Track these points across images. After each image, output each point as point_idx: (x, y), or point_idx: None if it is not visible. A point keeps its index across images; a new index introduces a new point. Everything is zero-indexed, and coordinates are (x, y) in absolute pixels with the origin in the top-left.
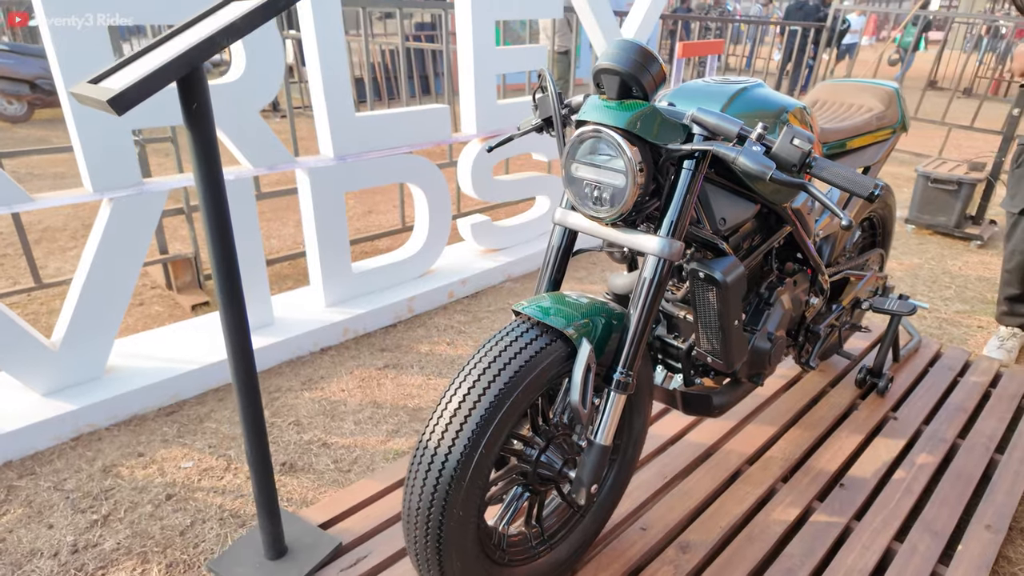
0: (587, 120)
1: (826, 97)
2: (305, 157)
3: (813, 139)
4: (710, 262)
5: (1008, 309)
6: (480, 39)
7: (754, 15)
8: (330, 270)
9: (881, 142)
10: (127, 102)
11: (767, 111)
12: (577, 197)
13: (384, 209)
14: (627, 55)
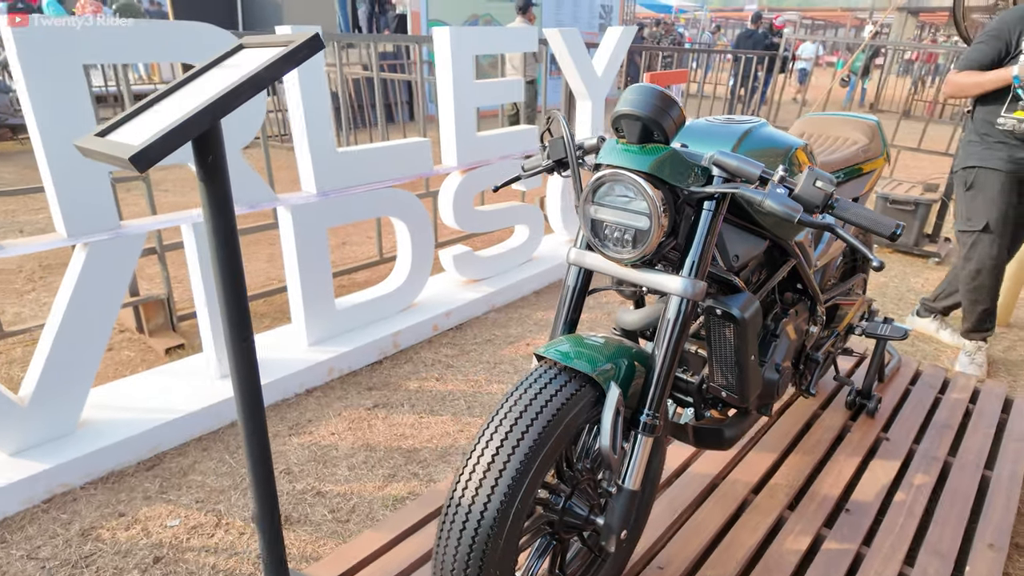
0: (608, 164)
1: (812, 130)
2: (287, 194)
3: (835, 181)
4: (726, 299)
5: (973, 326)
6: (459, 74)
7: (704, 42)
8: (313, 308)
9: (868, 173)
10: (149, 159)
11: (776, 149)
12: (598, 239)
13: (358, 240)
14: (648, 100)
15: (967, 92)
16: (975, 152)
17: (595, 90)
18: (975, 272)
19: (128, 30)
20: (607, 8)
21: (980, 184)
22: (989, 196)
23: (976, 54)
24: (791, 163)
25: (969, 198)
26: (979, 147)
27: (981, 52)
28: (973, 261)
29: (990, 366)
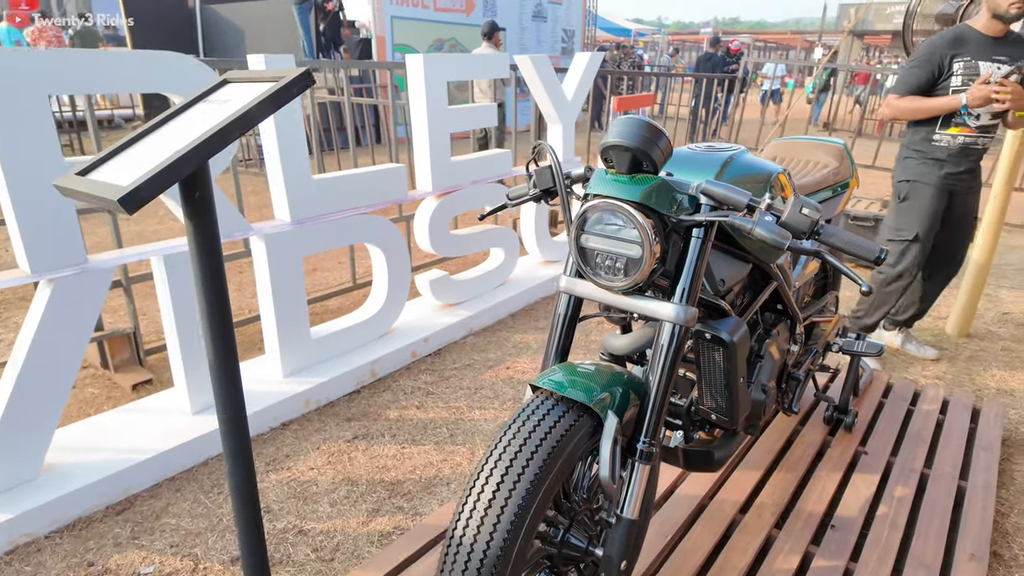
0: (599, 194)
1: (783, 154)
2: (261, 223)
3: (819, 208)
4: (715, 323)
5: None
6: (433, 100)
7: (663, 64)
8: (288, 338)
9: (839, 195)
10: (139, 201)
11: (757, 175)
12: (589, 267)
13: (329, 266)
14: (636, 131)
15: (914, 116)
16: (911, 167)
17: (565, 114)
18: (897, 276)
19: (97, 60)
20: (569, 32)
21: (914, 197)
22: (920, 209)
23: (912, 78)
24: (773, 188)
25: (902, 210)
26: (915, 162)
27: (916, 76)
28: (899, 268)
29: (953, 372)
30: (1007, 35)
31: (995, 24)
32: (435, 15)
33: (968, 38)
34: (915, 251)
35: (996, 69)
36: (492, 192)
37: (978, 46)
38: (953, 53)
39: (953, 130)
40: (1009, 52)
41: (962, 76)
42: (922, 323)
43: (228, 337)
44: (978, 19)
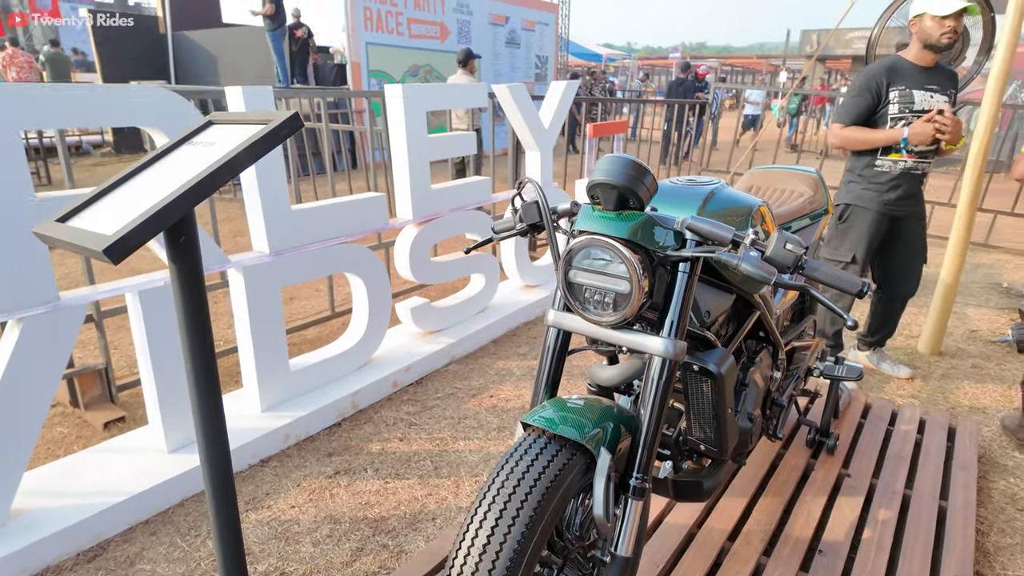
0: (586, 230)
1: (759, 183)
2: (239, 255)
3: (802, 243)
4: (702, 355)
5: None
6: (413, 130)
7: (633, 89)
8: (267, 372)
9: (815, 223)
10: (125, 251)
11: (739, 208)
12: (578, 302)
13: (306, 295)
14: (622, 170)
15: (859, 147)
16: (854, 191)
17: (543, 141)
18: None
19: (71, 94)
20: (542, 58)
21: (852, 220)
22: (860, 232)
23: (854, 107)
24: (754, 221)
25: (841, 231)
26: (858, 187)
27: (857, 105)
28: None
29: (927, 391)
30: (936, 65)
31: (926, 54)
32: (410, 42)
33: (901, 68)
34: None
35: (929, 97)
36: (473, 219)
37: (911, 76)
38: (889, 82)
39: (894, 156)
40: (938, 81)
41: (899, 104)
42: (895, 342)
43: (212, 380)
44: (909, 50)
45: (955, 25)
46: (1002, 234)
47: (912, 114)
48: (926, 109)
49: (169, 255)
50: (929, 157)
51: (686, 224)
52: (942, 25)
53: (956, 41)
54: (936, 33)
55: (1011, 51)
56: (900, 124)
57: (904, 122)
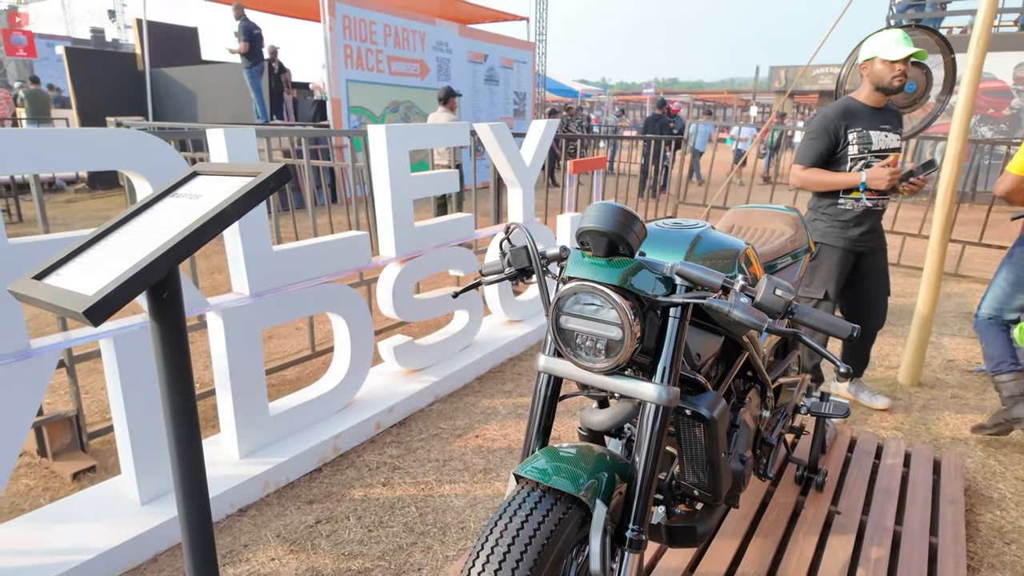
0: (577, 277)
1: (740, 223)
2: (218, 297)
3: (792, 289)
4: (694, 399)
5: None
6: (395, 169)
7: (610, 124)
8: (245, 417)
9: (797, 262)
10: (106, 312)
11: (725, 252)
12: (569, 348)
13: (285, 333)
14: (612, 217)
15: (818, 188)
16: (819, 228)
17: (524, 178)
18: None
19: (47, 139)
20: (520, 95)
21: (820, 257)
22: (828, 269)
23: (813, 150)
24: (741, 264)
25: (811, 268)
26: (823, 225)
27: (816, 148)
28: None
29: (909, 423)
30: (886, 105)
31: (877, 96)
32: (391, 79)
33: (855, 110)
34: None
35: (884, 137)
36: (456, 256)
37: (866, 117)
38: (846, 124)
39: (856, 194)
40: (889, 121)
41: (857, 145)
42: (876, 373)
43: (194, 437)
44: (860, 92)
45: (905, 69)
46: (971, 263)
47: (871, 154)
48: (883, 148)
49: (151, 311)
50: (888, 195)
51: (676, 270)
52: (892, 69)
53: (904, 85)
54: (887, 77)
55: (973, 90)
56: (860, 164)
57: (864, 162)
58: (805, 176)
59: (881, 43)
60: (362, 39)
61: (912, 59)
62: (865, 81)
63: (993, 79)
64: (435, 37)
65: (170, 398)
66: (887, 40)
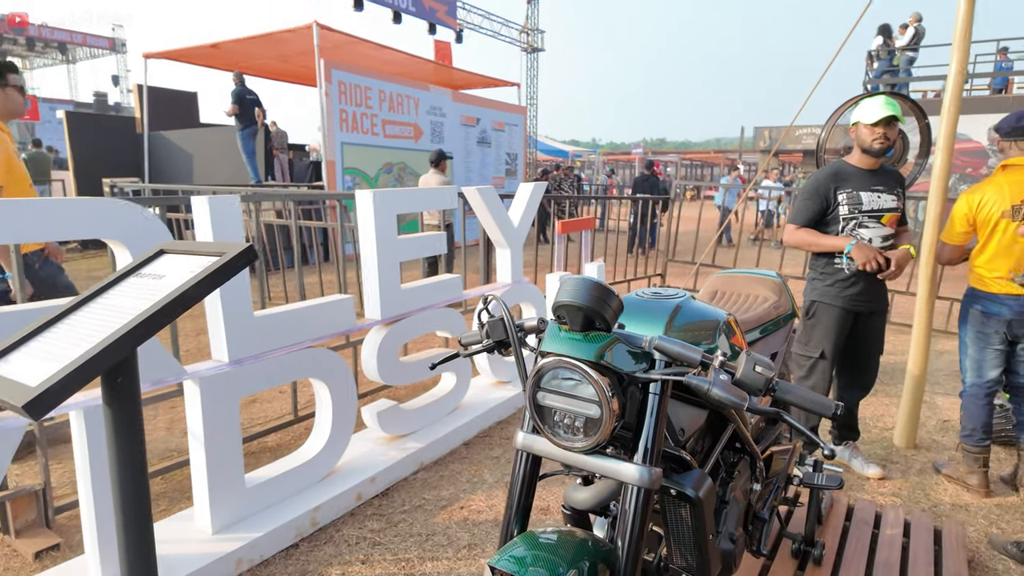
0: (553, 352)
1: (723, 288)
2: (196, 364)
3: (773, 365)
4: (679, 477)
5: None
6: (382, 232)
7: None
8: (220, 490)
9: (782, 328)
10: (48, 406)
11: (705, 323)
12: (547, 426)
13: (268, 396)
14: (587, 292)
15: (807, 249)
16: (817, 287)
17: (512, 239)
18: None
19: (36, 209)
20: (512, 156)
21: (819, 316)
22: (826, 327)
23: (806, 210)
24: (721, 335)
25: (809, 327)
26: (821, 283)
27: (808, 209)
28: (810, 381)
29: (907, 488)
30: (881, 167)
31: (866, 158)
32: (385, 141)
33: (846, 172)
34: (822, 367)
35: (876, 197)
36: (443, 317)
37: (856, 178)
38: (836, 186)
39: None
40: (883, 182)
41: (848, 205)
42: (870, 435)
43: (144, 521)
44: (852, 155)
45: (885, 131)
46: None
47: (862, 214)
48: (876, 208)
49: (105, 396)
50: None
51: (654, 344)
52: (873, 132)
53: (890, 146)
54: (868, 139)
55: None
56: (852, 224)
57: (856, 221)
58: (797, 236)
59: (863, 108)
60: (357, 104)
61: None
62: (855, 144)
63: (969, 140)
64: (429, 102)
65: (120, 484)
66: (869, 105)
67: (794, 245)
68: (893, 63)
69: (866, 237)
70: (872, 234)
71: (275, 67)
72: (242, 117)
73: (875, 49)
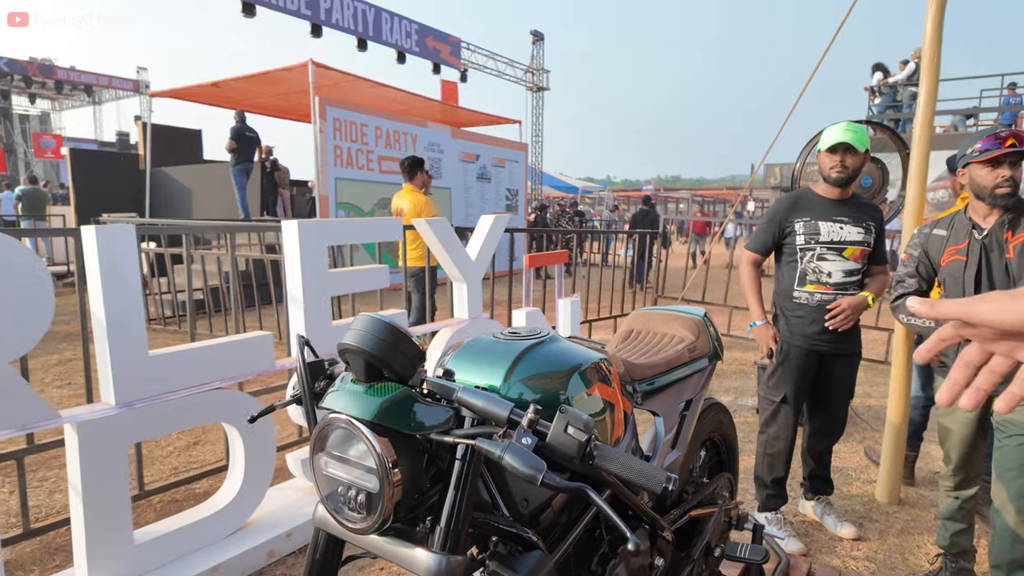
0: (331, 408)
1: (640, 326)
2: (73, 409)
3: (591, 424)
4: (514, 562)
5: (775, 492)
6: (309, 265)
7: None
8: (101, 547)
9: (699, 371)
10: None
11: (557, 371)
12: (330, 500)
13: (214, 438)
14: (373, 335)
15: (743, 289)
16: (780, 325)
17: (469, 273)
18: (774, 439)
19: None
20: (513, 191)
21: (784, 355)
22: (787, 369)
23: (760, 237)
24: (576, 383)
25: (773, 368)
26: (782, 320)
27: (763, 236)
28: (773, 428)
29: (884, 551)
30: (853, 197)
31: (829, 187)
32: (379, 176)
33: (807, 201)
34: (785, 412)
35: (839, 228)
36: None
37: (818, 207)
38: (791, 215)
39: (809, 287)
40: (849, 213)
41: (804, 235)
42: (851, 488)
43: None
44: (819, 184)
45: (843, 158)
46: None
47: (820, 245)
48: (836, 240)
49: None
50: (849, 289)
51: (455, 397)
52: (830, 159)
53: (850, 175)
54: (826, 167)
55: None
56: (810, 255)
57: (813, 253)
58: (743, 269)
59: (824, 135)
60: (352, 140)
61: (869, 154)
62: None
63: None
64: (427, 138)
65: None
66: (829, 132)
67: (741, 276)
68: (896, 99)
69: (826, 271)
70: (833, 268)
71: (275, 104)
72: (239, 153)
73: (876, 85)
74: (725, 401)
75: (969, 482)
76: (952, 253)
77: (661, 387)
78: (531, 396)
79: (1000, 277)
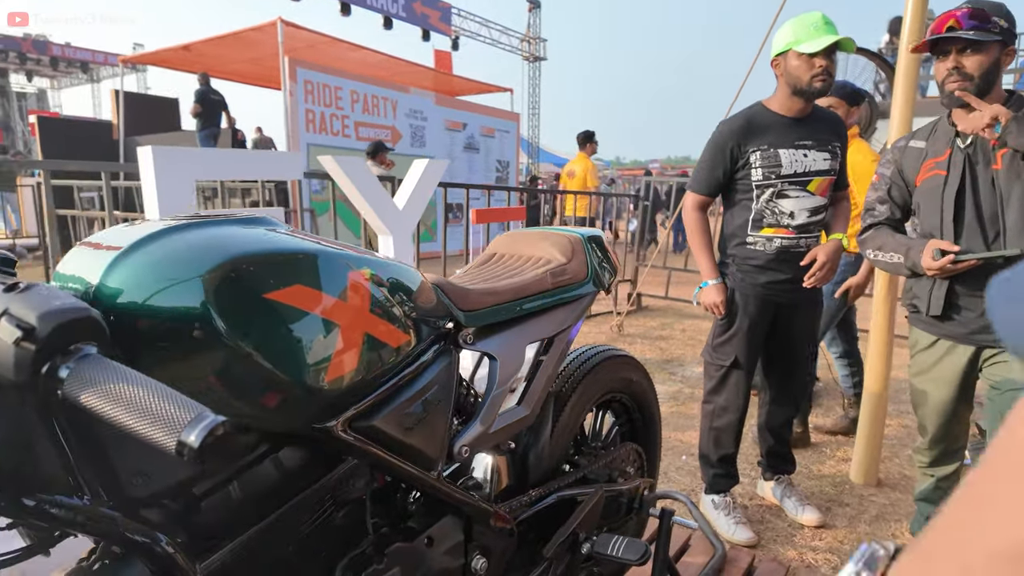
0: None
1: (503, 250)
2: None
3: (59, 313)
4: None
5: (723, 471)
6: (169, 201)
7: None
8: None
9: (567, 304)
10: None
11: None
12: None
13: None
14: None
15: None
16: (729, 274)
17: (395, 224)
18: (722, 409)
19: None
20: (504, 163)
21: (732, 311)
22: (738, 326)
23: (705, 175)
24: (229, 281)
25: (720, 326)
26: (732, 268)
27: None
28: (721, 396)
29: (852, 540)
30: (813, 111)
31: (795, 102)
32: (357, 144)
33: (761, 121)
34: (736, 378)
35: (802, 156)
36: None
37: (775, 130)
38: (745, 141)
39: (767, 231)
40: (811, 133)
41: (762, 168)
42: (824, 467)
43: None
44: (773, 97)
45: (827, 65)
46: None
47: (780, 180)
48: (800, 171)
49: None
50: (814, 232)
51: None
52: (811, 65)
53: (831, 83)
54: (805, 75)
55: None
56: (769, 192)
57: (773, 190)
58: (691, 219)
59: (796, 31)
60: (326, 104)
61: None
62: (779, 83)
63: None
64: (408, 104)
65: None
66: (803, 26)
67: (687, 223)
68: None
69: (787, 210)
70: (795, 206)
71: (251, 71)
72: (204, 117)
73: (883, 47)
74: (669, 381)
75: (948, 457)
76: (930, 168)
77: (502, 322)
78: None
79: (987, 192)
